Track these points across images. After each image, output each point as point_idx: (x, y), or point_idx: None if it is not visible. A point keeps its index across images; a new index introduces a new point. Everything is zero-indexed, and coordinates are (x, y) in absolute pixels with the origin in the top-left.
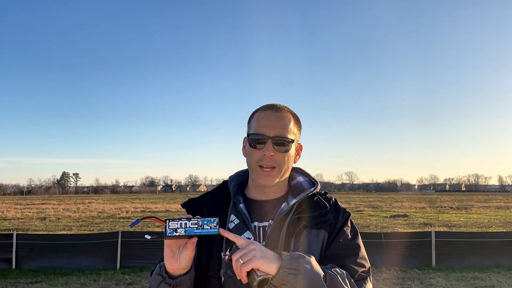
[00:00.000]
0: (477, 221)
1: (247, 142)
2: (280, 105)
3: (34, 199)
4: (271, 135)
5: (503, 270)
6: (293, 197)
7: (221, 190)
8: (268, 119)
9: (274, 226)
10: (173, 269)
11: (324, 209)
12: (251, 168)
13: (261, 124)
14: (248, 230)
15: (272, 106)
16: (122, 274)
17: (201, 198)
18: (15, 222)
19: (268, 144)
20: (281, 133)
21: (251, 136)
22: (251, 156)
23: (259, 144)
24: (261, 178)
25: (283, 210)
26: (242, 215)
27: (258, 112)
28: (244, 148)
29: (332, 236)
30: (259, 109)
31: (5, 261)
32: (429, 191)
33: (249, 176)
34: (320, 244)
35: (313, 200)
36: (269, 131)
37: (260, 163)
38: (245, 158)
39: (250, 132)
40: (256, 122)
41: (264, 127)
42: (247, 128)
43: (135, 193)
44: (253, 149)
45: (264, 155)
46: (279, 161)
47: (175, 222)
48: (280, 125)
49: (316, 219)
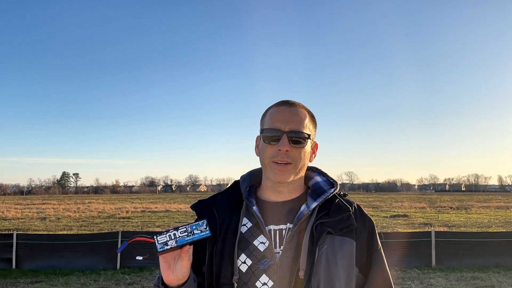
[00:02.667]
0: (477, 221)
1: (260, 139)
2: (294, 101)
3: (34, 199)
4: (286, 130)
5: (503, 270)
6: (313, 199)
7: (232, 191)
8: (282, 114)
9: (294, 231)
10: (170, 280)
11: (347, 212)
12: (264, 164)
13: (275, 119)
14: (262, 234)
15: (286, 102)
16: (122, 274)
17: (211, 199)
18: (15, 222)
19: (284, 139)
20: (296, 128)
21: (265, 131)
22: (265, 152)
23: (273, 139)
24: (275, 173)
25: (303, 214)
26: (256, 218)
27: (272, 108)
28: (257, 147)
29: (365, 250)
30: (273, 105)
31: (5, 261)
32: (429, 191)
33: (263, 175)
34: (347, 252)
35: (335, 203)
36: (284, 126)
37: (274, 159)
38: (258, 156)
39: (264, 127)
40: (270, 117)
41: (278, 122)
42: (260, 126)
43: (135, 193)
44: (267, 144)
45: (279, 150)
46: (295, 156)
47: (163, 236)
48: (296, 120)
49: (339, 224)
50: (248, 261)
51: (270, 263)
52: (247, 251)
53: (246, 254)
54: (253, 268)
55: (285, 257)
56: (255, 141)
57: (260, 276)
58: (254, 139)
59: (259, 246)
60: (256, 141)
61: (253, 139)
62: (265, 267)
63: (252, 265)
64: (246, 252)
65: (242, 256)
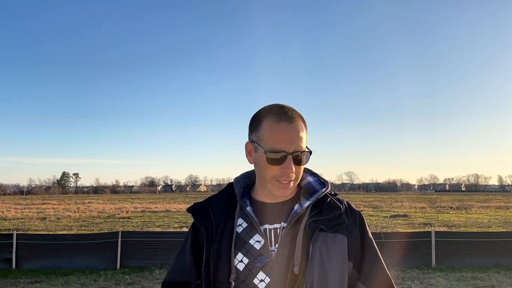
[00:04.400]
0: (477, 221)
1: (257, 151)
2: (290, 112)
3: (34, 199)
4: (291, 151)
5: (503, 270)
6: (306, 198)
7: (227, 193)
8: (285, 134)
9: (288, 228)
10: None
11: (339, 211)
12: (265, 181)
13: (278, 138)
14: (258, 233)
15: (284, 116)
16: (122, 274)
17: (206, 201)
18: (15, 222)
19: (288, 161)
20: (299, 148)
21: (269, 153)
22: (268, 170)
23: (278, 162)
24: (278, 190)
25: (297, 212)
26: (250, 218)
27: (269, 122)
28: (249, 155)
29: (358, 244)
30: (269, 115)
31: (5, 261)
32: (429, 191)
33: (258, 181)
34: (339, 248)
35: (327, 202)
36: (288, 147)
37: (278, 178)
38: (252, 164)
39: (265, 146)
40: (272, 134)
41: (282, 143)
42: (251, 132)
43: (135, 193)
44: (270, 165)
45: (285, 171)
46: (297, 173)
47: None
48: (297, 138)
49: (332, 222)
50: (245, 260)
51: (266, 260)
52: (244, 250)
53: (242, 253)
54: (250, 266)
55: (281, 254)
56: (245, 147)
57: (257, 273)
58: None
59: (255, 244)
60: (246, 147)
61: None
62: (261, 264)
63: (249, 263)
64: (242, 251)
65: (239, 255)
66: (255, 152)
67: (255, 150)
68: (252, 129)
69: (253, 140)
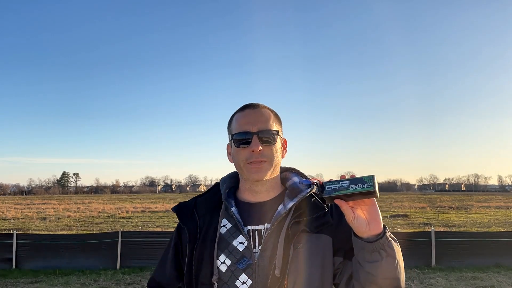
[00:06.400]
0: (477, 221)
1: (231, 145)
2: (257, 103)
3: (34, 199)
4: (255, 131)
5: (503, 270)
6: (290, 199)
7: (213, 193)
8: (248, 117)
9: (271, 231)
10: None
11: (323, 211)
12: (240, 167)
13: (242, 122)
14: (241, 235)
15: (249, 105)
16: (122, 274)
17: (192, 201)
18: (15, 222)
19: (254, 139)
20: (264, 127)
21: (235, 136)
22: (239, 155)
23: (244, 142)
24: (253, 173)
25: (280, 214)
26: (234, 219)
27: (236, 114)
28: (229, 154)
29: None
30: (237, 111)
31: (5, 261)
32: (429, 191)
33: (240, 178)
34: (322, 249)
35: (311, 202)
36: (252, 127)
37: (249, 160)
38: (232, 163)
39: (232, 133)
40: (237, 122)
41: (246, 125)
42: (228, 134)
43: (135, 193)
44: (239, 148)
45: (252, 151)
46: (268, 154)
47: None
48: (262, 120)
49: (315, 222)
50: (227, 261)
51: (249, 262)
52: (226, 251)
53: (225, 254)
54: (232, 268)
55: (263, 257)
56: (226, 149)
57: (239, 276)
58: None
59: (238, 246)
60: (227, 149)
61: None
62: (243, 266)
63: (231, 265)
64: (225, 252)
65: (222, 256)
66: (231, 148)
67: (231, 146)
68: (228, 130)
69: (229, 139)
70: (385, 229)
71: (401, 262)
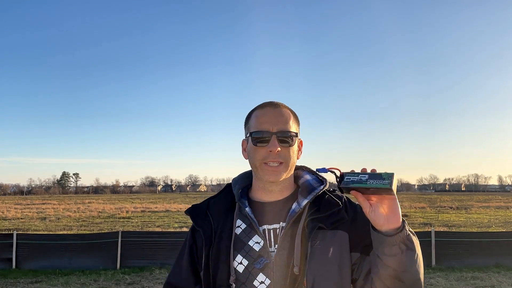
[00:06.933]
0: (477, 221)
1: (248, 142)
2: (277, 102)
3: (34, 199)
4: (274, 131)
5: (503, 270)
6: (304, 197)
7: (225, 194)
8: (268, 115)
9: (287, 229)
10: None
11: (337, 207)
12: (255, 167)
13: (261, 121)
14: (257, 234)
15: (269, 103)
16: (122, 274)
17: (205, 203)
18: (15, 222)
19: (273, 140)
20: (284, 128)
21: (254, 134)
22: (255, 154)
23: (263, 141)
24: (269, 174)
25: (295, 212)
26: (249, 219)
27: (256, 111)
28: (244, 151)
29: (364, 231)
30: (256, 108)
31: (5, 261)
32: (429, 191)
33: (254, 177)
34: (339, 245)
35: (325, 199)
36: (272, 127)
37: (266, 160)
38: (247, 159)
39: (251, 130)
40: (256, 120)
41: (265, 124)
42: (244, 129)
43: (135, 193)
44: (256, 147)
45: (270, 151)
46: (285, 156)
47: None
48: (282, 120)
49: (331, 219)
50: (244, 262)
51: (266, 261)
52: (243, 251)
53: (242, 255)
54: (249, 268)
55: (280, 255)
56: (241, 144)
57: (257, 275)
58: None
59: (254, 246)
60: (242, 145)
61: None
62: (261, 266)
63: (249, 265)
64: (242, 252)
65: (238, 257)
66: (247, 145)
67: (247, 143)
68: (245, 126)
69: (246, 135)
70: (404, 222)
71: (420, 255)
